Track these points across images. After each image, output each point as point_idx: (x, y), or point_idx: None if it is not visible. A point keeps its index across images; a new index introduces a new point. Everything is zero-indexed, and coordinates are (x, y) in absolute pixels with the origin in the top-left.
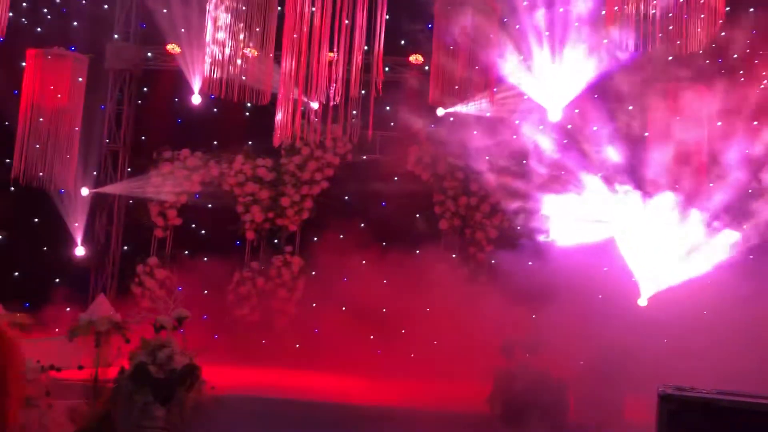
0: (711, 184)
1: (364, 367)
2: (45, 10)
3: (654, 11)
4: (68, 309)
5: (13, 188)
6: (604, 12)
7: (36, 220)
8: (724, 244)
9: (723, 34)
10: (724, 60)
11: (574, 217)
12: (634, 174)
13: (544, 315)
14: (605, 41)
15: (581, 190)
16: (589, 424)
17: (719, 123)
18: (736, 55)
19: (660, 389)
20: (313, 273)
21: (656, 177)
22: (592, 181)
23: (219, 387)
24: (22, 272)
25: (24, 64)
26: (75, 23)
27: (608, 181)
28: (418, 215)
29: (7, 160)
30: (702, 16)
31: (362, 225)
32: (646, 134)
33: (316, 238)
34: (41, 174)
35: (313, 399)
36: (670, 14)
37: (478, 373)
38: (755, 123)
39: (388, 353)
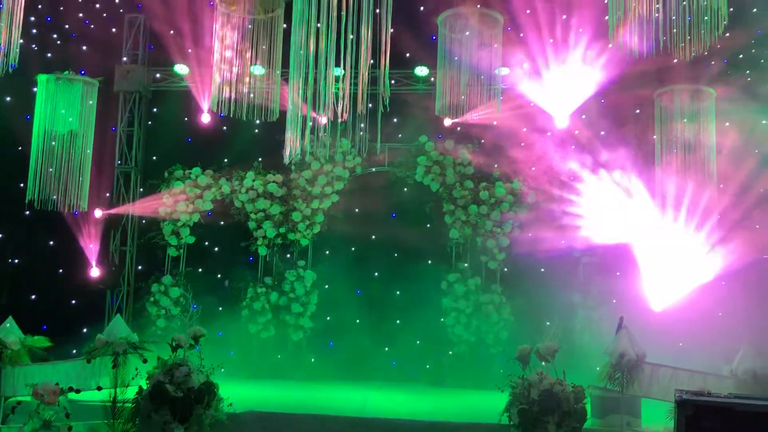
0: (721, 186)
1: (379, 379)
2: (54, 36)
3: (657, 14)
4: (85, 330)
5: (28, 212)
6: (608, 17)
7: (51, 243)
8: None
9: (727, 35)
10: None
11: (586, 223)
12: (645, 180)
13: (559, 321)
14: (610, 46)
15: (591, 197)
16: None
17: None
18: (741, 56)
19: (677, 395)
20: (326, 286)
21: (666, 183)
22: (601, 186)
23: (236, 403)
24: (38, 295)
25: (35, 89)
26: (84, 47)
27: (616, 184)
28: (428, 225)
29: (21, 185)
30: (706, 18)
31: (373, 237)
32: (655, 137)
33: (328, 252)
34: (55, 197)
35: (330, 413)
36: (674, 17)
37: (494, 382)
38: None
39: (403, 365)
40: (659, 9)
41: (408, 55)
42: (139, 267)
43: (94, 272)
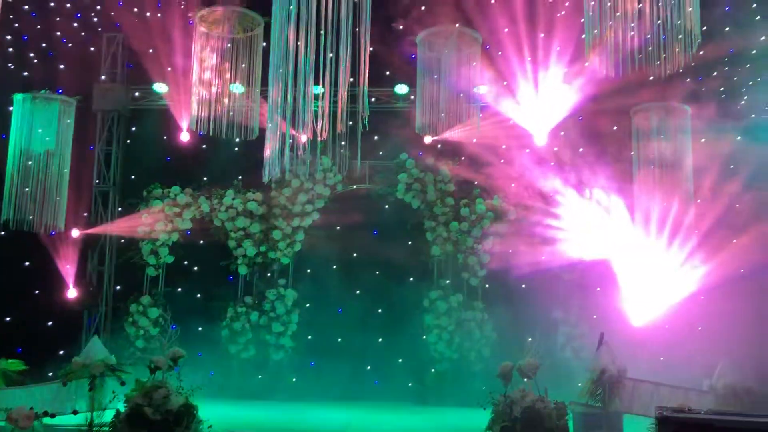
0: (698, 201)
1: (362, 398)
2: (31, 55)
3: (632, 33)
4: (61, 352)
5: (3, 233)
6: (584, 36)
7: (27, 263)
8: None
9: (701, 53)
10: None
11: (566, 240)
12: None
13: (540, 338)
14: (586, 65)
15: (571, 213)
16: None
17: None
18: (715, 73)
19: (658, 412)
20: (307, 305)
21: (644, 200)
22: (581, 203)
23: (216, 425)
24: (13, 317)
25: (11, 108)
26: (62, 66)
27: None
28: (410, 242)
29: None
30: (680, 37)
31: (354, 255)
32: (632, 153)
33: (309, 270)
34: (31, 217)
35: None
36: (649, 35)
37: (476, 400)
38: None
39: (386, 383)
40: (634, 28)
41: (387, 73)
42: (118, 287)
43: (71, 293)
